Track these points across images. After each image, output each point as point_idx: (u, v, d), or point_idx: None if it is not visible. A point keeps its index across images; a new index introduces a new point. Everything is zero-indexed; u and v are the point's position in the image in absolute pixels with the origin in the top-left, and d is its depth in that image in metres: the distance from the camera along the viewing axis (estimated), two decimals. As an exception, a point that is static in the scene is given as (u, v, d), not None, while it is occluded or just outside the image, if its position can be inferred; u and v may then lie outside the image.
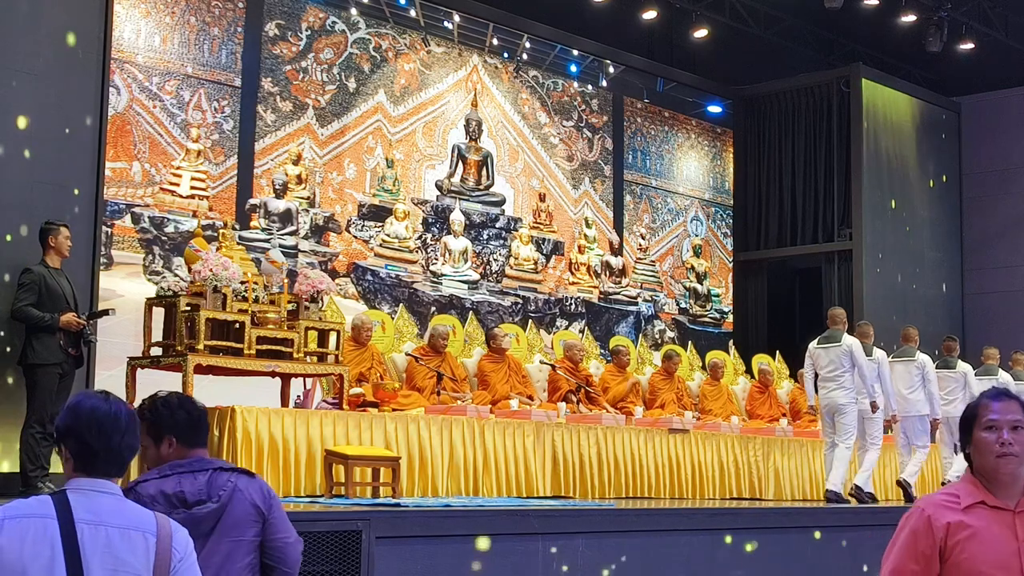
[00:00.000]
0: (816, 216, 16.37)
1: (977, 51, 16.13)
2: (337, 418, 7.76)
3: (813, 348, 9.70)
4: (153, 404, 3.59)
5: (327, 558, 5.12)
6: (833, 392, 9.48)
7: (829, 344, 9.58)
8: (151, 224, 10.99)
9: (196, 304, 7.67)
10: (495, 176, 14.08)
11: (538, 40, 14.70)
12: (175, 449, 3.55)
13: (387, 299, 12.71)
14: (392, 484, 7.47)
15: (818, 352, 9.63)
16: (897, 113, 16.45)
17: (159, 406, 3.57)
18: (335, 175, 12.50)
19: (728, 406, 11.72)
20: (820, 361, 9.61)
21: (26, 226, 7.39)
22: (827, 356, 9.54)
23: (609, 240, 15.33)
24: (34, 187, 7.49)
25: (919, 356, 10.69)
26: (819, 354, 9.61)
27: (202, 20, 11.57)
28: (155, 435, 3.54)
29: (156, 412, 3.56)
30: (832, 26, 16.75)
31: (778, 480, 10.59)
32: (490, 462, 8.52)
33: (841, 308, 10.01)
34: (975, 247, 17.07)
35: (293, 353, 7.96)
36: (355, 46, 12.82)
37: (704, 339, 15.81)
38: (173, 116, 11.22)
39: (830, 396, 9.51)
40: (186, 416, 3.58)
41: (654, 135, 16.15)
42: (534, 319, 13.41)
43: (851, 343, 9.55)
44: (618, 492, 9.30)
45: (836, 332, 9.61)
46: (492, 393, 9.72)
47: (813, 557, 7.65)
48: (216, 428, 7.24)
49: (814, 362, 9.68)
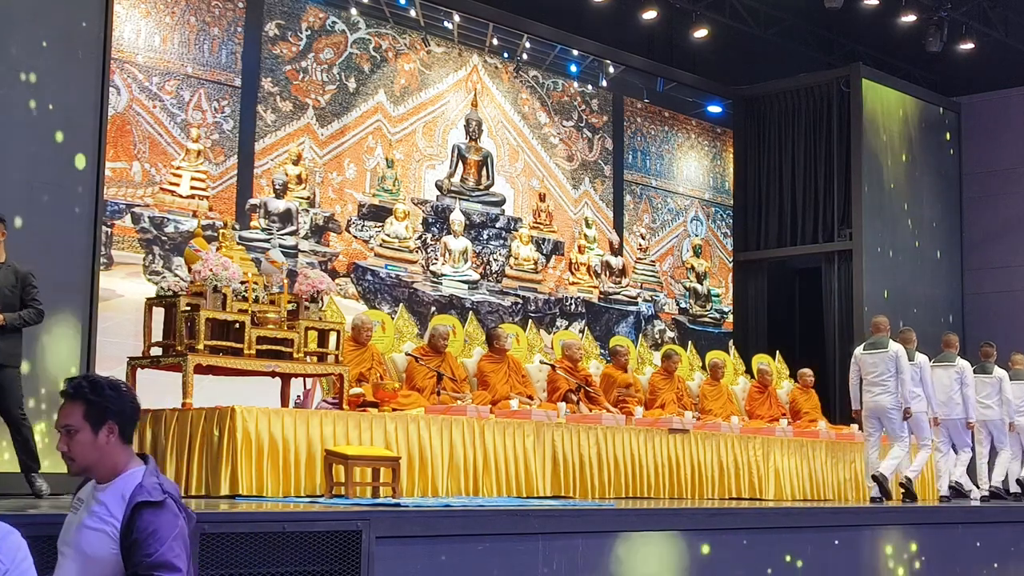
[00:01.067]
0: (816, 216, 16.37)
1: (977, 51, 16.13)
2: (337, 418, 7.77)
3: (859, 354, 10.13)
4: (96, 383, 3.33)
5: (327, 558, 5.12)
6: (879, 396, 9.93)
7: (875, 350, 10.01)
8: (151, 224, 10.99)
9: (196, 304, 7.67)
10: (495, 176, 14.09)
11: (538, 40, 14.70)
12: (115, 439, 3.32)
13: (387, 299, 12.71)
14: (392, 484, 7.47)
15: (864, 358, 10.07)
16: (897, 113, 16.45)
17: (105, 387, 3.33)
18: (335, 175, 12.50)
19: (728, 406, 11.72)
20: (866, 366, 10.04)
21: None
22: (872, 361, 9.99)
23: (609, 240, 15.33)
24: (34, 187, 7.49)
25: (959, 362, 11.18)
26: (865, 360, 10.06)
27: (202, 20, 11.58)
28: (95, 419, 3.31)
29: (101, 393, 3.32)
30: (832, 26, 16.76)
31: (778, 480, 10.59)
32: (490, 462, 8.52)
33: (884, 316, 10.45)
34: (975, 247, 17.07)
35: (293, 353, 7.97)
36: (355, 46, 12.82)
37: (704, 339, 15.82)
38: (173, 116, 11.23)
39: (876, 400, 9.94)
40: (131, 406, 3.36)
41: (654, 135, 16.15)
42: (534, 319, 13.41)
43: (896, 349, 10.00)
44: (618, 492, 9.31)
45: (881, 338, 10.05)
46: (492, 393, 9.73)
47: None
48: (216, 428, 7.25)
49: (860, 367, 10.11)
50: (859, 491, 11.32)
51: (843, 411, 14.98)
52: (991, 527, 9.15)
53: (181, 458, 7.38)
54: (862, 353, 10.09)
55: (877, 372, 9.93)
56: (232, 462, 7.15)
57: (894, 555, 8.07)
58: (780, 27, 16.32)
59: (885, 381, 9.90)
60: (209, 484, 7.20)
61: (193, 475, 7.29)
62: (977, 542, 8.89)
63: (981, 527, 9.01)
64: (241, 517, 5.17)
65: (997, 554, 9.05)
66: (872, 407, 9.97)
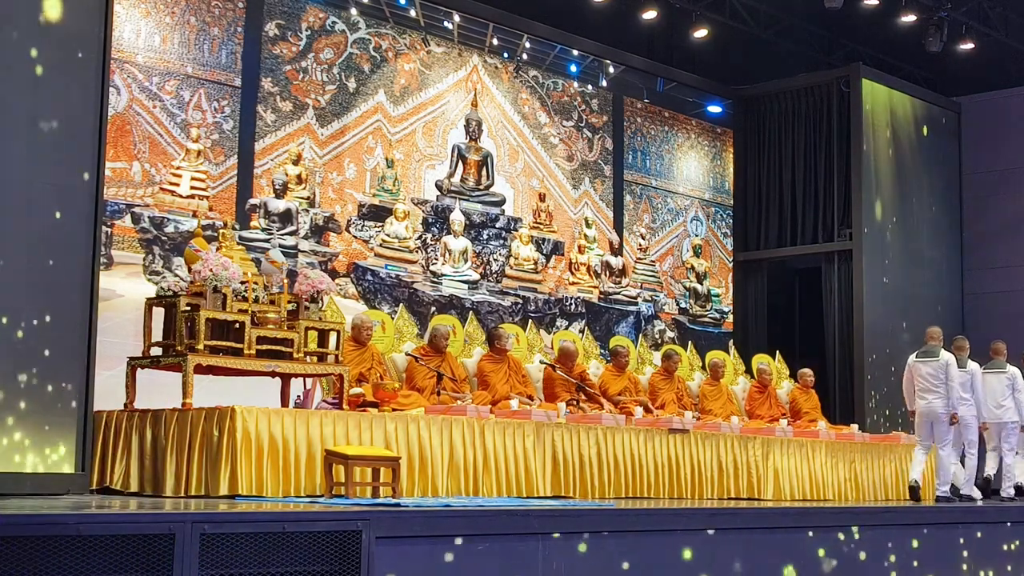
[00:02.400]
0: (816, 216, 16.37)
1: (977, 51, 16.13)
2: (337, 418, 7.77)
3: (912, 362, 10.97)
4: None
5: (327, 558, 5.12)
6: (933, 402, 10.73)
7: (927, 359, 10.85)
8: (151, 224, 11.00)
9: (196, 304, 7.68)
10: (495, 176, 14.09)
11: (538, 40, 14.70)
12: None
13: (387, 299, 12.72)
14: (392, 484, 7.47)
15: (917, 365, 10.89)
16: (897, 113, 16.45)
17: None
18: (335, 175, 12.50)
19: (728, 406, 11.73)
20: (919, 374, 10.87)
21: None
22: (925, 369, 10.81)
23: (609, 240, 15.33)
24: (34, 187, 7.48)
25: (1009, 368, 11.96)
26: (918, 367, 10.87)
27: (202, 20, 11.58)
28: None
29: None
30: (832, 26, 16.76)
31: (777, 480, 10.59)
32: (490, 462, 8.52)
33: (937, 327, 11.20)
34: (975, 247, 17.07)
35: (293, 353, 7.97)
36: (355, 46, 12.82)
37: (704, 339, 15.82)
38: (173, 116, 11.23)
39: (929, 405, 10.76)
40: None
41: (654, 135, 16.15)
42: (534, 319, 13.41)
43: (947, 358, 10.78)
44: (618, 492, 9.31)
45: (934, 348, 10.88)
46: (492, 393, 9.73)
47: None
48: (216, 428, 7.25)
49: (913, 374, 10.95)
50: (859, 491, 11.33)
51: (843, 411, 15.02)
52: (992, 527, 9.15)
53: (181, 458, 7.38)
54: (916, 361, 10.92)
55: (929, 379, 10.76)
56: (232, 462, 7.15)
57: (894, 555, 8.07)
58: (780, 27, 16.33)
59: (937, 388, 10.71)
60: (209, 484, 7.20)
61: (193, 475, 7.29)
62: (977, 542, 8.89)
63: (981, 527, 9.01)
64: (241, 517, 5.16)
65: (998, 554, 9.05)
66: (925, 412, 10.78)
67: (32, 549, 4.43)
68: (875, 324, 15.55)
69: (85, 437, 6.98)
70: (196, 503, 6.64)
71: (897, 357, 15.61)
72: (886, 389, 15.33)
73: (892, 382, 15.06)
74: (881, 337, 15.61)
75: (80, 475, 6.95)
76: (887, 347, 15.60)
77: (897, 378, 15.45)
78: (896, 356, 15.62)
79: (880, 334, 15.60)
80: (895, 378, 15.49)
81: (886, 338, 15.67)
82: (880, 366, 15.45)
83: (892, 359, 15.40)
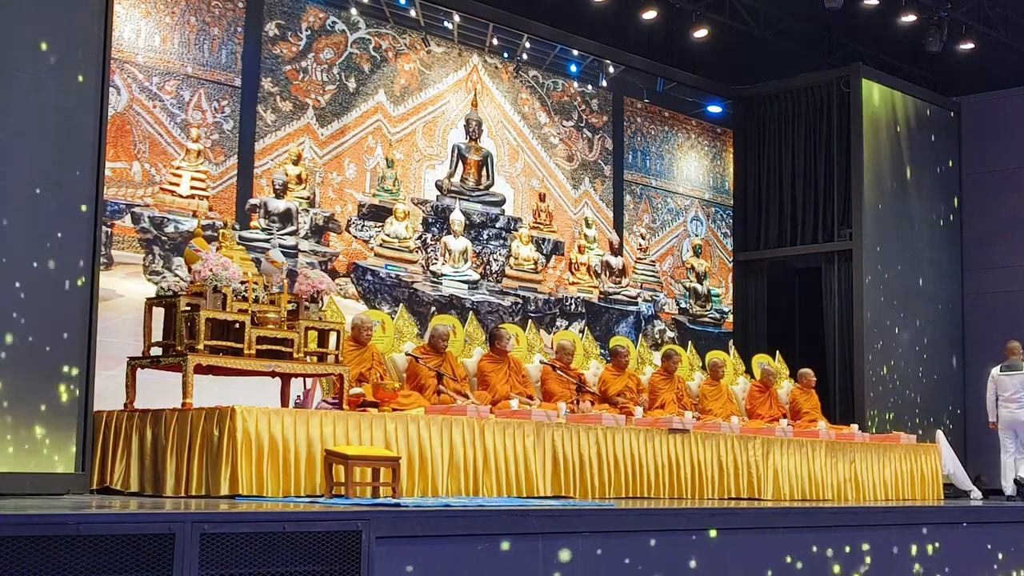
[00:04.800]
0: (816, 216, 16.37)
1: (977, 51, 16.13)
2: (337, 418, 7.77)
3: (996, 374, 12.18)
4: None
5: (327, 558, 5.12)
6: (1016, 411, 11.99)
7: (1010, 372, 12.12)
8: (151, 224, 11.00)
9: (196, 304, 7.68)
10: (495, 176, 14.09)
11: (538, 40, 14.70)
12: None
13: (387, 299, 12.72)
14: (392, 484, 7.47)
15: (1001, 378, 12.13)
16: (897, 113, 16.45)
17: None
18: (335, 175, 12.50)
19: (728, 406, 11.73)
20: (1003, 385, 12.09)
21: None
22: (1009, 382, 12.07)
23: (609, 240, 15.33)
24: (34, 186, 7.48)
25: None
26: (1003, 380, 12.12)
27: (202, 20, 11.58)
28: None
29: None
30: (832, 26, 16.76)
31: (777, 480, 10.59)
32: (490, 462, 8.52)
33: (1017, 341, 12.28)
34: (975, 247, 17.06)
35: (293, 353, 7.97)
36: (355, 46, 12.82)
37: (704, 339, 15.82)
38: (173, 116, 11.23)
39: (1013, 414, 12.05)
40: None
41: (654, 135, 16.15)
42: (534, 319, 13.41)
43: None
44: (618, 492, 9.31)
45: (1016, 362, 12.12)
46: (492, 393, 9.73)
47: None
48: (216, 428, 7.25)
49: (996, 386, 12.18)
50: (859, 491, 11.32)
51: (843, 411, 15.01)
52: (996, 527, 9.15)
53: (181, 458, 7.38)
54: (999, 374, 12.10)
55: (1013, 391, 11.99)
56: (232, 462, 7.15)
57: (895, 555, 8.07)
58: (780, 27, 16.32)
59: (1020, 398, 11.95)
60: (209, 484, 7.20)
61: (193, 475, 7.29)
62: (982, 542, 8.89)
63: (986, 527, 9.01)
64: (241, 517, 5.17)
65: (1001, 554, 9.05)
66: (1009, 420, 12.01)
67: (32, 549, 4.43)
68: (875, 325, 15.55)
69: (85, 437, 6.99)
70: (196, 503, 6.64)
71: (897, 357, 15.63)
72: (881, 388, 15.32)
73: (892, 381, 15.07)
74: (883, 338, 15.61)
75: (80, 475, 6.95)
76: (887, 347, 15.59)
77: (896, 378, 15.49)
78: (896, 356, 15.63)
79: (881, 335, 15.60)
80: (895, 377, 15.50)
81: (887, 339, 15.67)
82: (880, 365, 15.44)
83: (892, 359, 15.41)
